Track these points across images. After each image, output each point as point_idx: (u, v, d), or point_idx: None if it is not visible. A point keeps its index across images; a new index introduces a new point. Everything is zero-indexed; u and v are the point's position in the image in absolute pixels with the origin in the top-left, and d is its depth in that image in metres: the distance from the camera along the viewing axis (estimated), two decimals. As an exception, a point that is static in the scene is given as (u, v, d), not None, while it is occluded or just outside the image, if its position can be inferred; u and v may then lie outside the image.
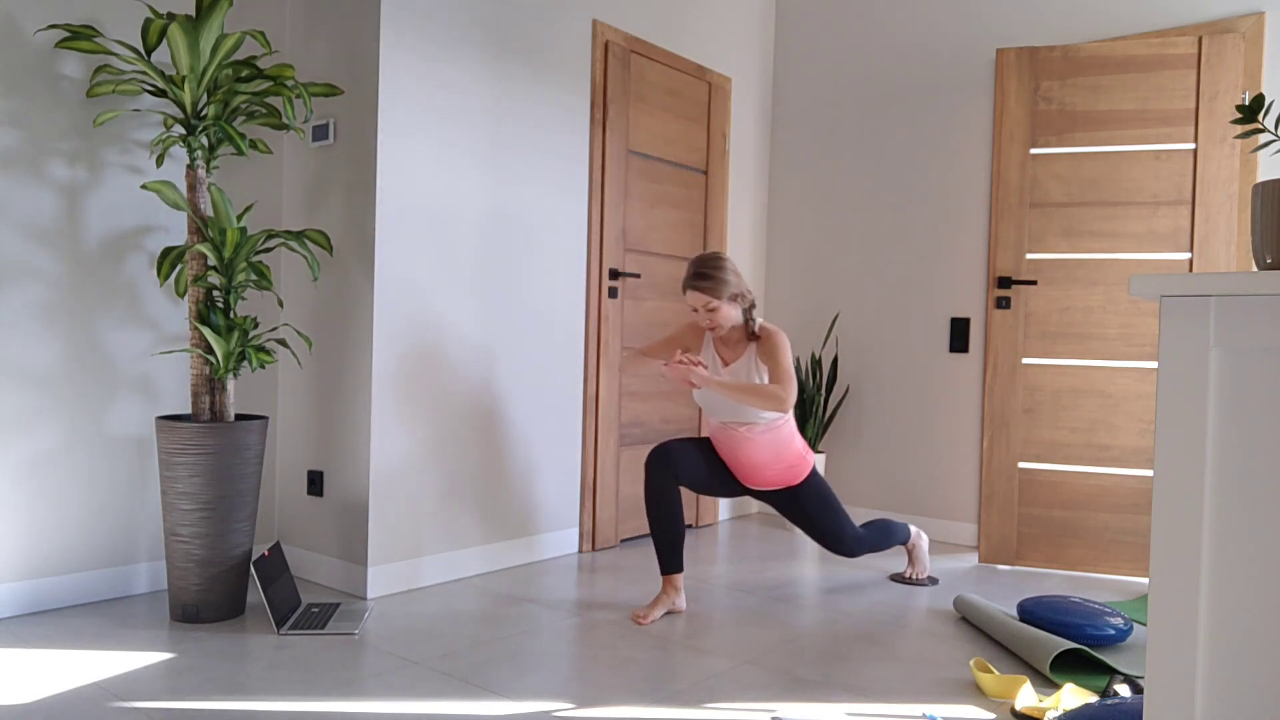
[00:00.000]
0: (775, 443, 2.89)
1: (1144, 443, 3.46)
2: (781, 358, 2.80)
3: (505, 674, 2.29)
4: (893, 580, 3.34)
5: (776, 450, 2.90)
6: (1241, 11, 3.42)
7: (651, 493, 2.83)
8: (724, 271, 2.79)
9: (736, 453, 2.92)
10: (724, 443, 2.94)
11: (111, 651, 2.35)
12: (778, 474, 2.94)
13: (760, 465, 2.92)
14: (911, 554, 3.34)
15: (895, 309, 4.26)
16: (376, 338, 2.93)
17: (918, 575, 3.33)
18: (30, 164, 2.64)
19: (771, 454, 2.90)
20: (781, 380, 2.76)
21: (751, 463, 2.92)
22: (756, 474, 2.95)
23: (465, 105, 3.18)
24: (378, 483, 2.95)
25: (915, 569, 3.33)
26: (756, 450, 2.89)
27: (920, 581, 3.32)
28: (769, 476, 2.95)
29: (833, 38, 4.49)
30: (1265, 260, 1.19)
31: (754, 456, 2.90)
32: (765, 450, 2.89)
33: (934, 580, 3.34)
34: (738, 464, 2.95)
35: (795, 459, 2.94)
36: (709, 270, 2.78)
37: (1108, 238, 3.51)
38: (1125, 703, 1.85)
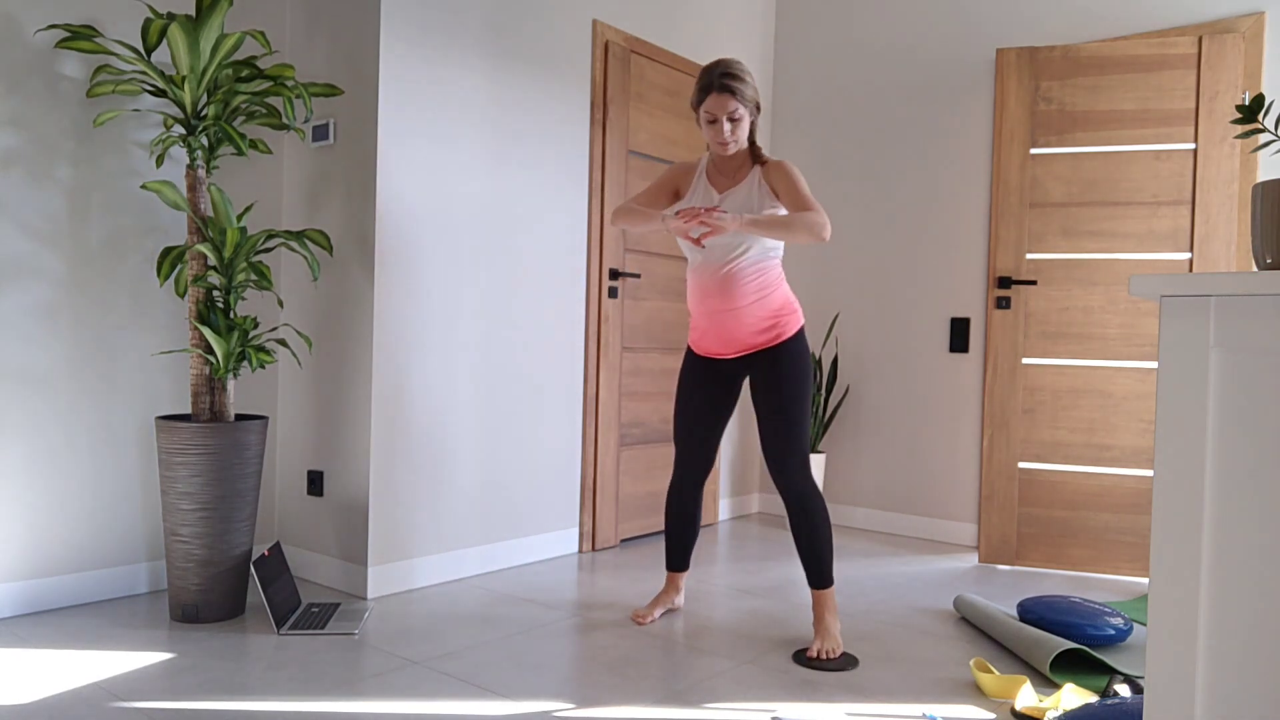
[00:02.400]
0: (760, 283, 2.54)
1: (1144, 443, 3.46)
2: (800, 182, 2.46)
3: (505, 674, 2.29)
4: (798, 663, 2.44)
5: (761, 289, 2.54)
6: (1241, 11, 3.42)
7: (677, 490, 2.82)
8: (749, 76, 2.49)
9: (720, 298, 2.56)
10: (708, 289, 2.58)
11: (111, 651, 2.35)
12: (761, 323, 2.56)
13: (741, 311, 2.55)
14: (820, 616, 2.58)
15: (895, 309, 4.26)
16: (376, 338, 2.93)
17: (827, 652, 2.46)
18: (30, 164, 2.64)
19: (755, 292, 2.54)
20: (810, 208, 2.41)
21: (733, 307, 2.55)
22: (738, 328, 2.58)
23: (465, 105, 3.18)
24: (378, 483, 2.95)
25: (825, 643, 2.49)
26: (739, 289, 2.53)
27: (833, 663, 2.42)
28: (751, 326, 2.57)
29: (833, 38, 4.49)
30: (1265, 260, 1.19)
31: (736, 297, 2.54)
32: (749, 289, 2.53)
33: (853, 660, 2.46)
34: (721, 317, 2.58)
35: (782, 301, 2.59)
36: (736, 72, 2.46)
37: (1108, 238, 3.51)
38: (1125, 703, 1.85)
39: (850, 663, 2.44)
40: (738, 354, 2.64)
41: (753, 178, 2.56)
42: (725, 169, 2.63)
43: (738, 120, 2.49)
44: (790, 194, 2.47)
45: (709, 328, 2.63)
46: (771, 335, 2.58)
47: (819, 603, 2.59)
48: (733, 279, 2.54)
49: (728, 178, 2.62)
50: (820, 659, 2.45)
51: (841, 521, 4.42)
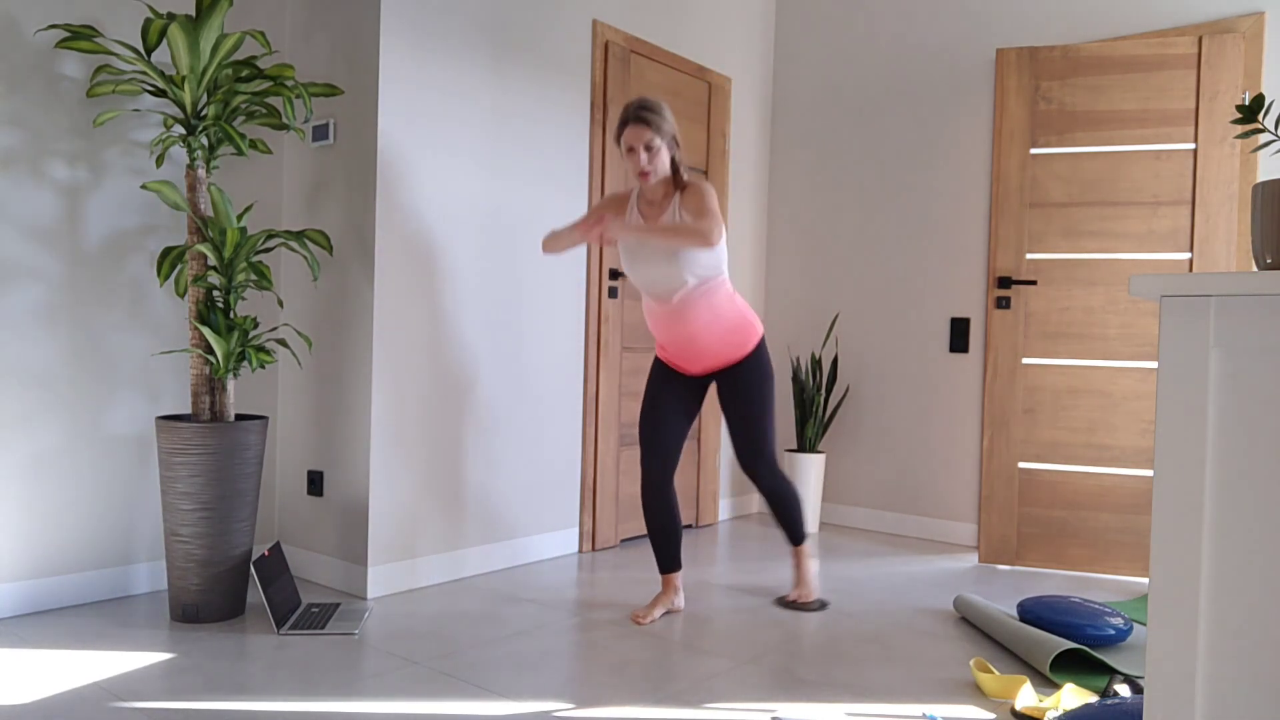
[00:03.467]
0: (711, 305, 2.68)
1: (1144, 443, 3.46)
2: (706, 199, 2.58)
3: (505, 674, 2.29)
4: (778, 605, 2.97)
5: (713, 312, 2.69)
6: (1241, 11, 3.42)
7: (650, 491, 2.84)
8: (665, 110, 2.66)
9: (676, 328, 2.71)
10: (662, 322, 2.73)
11: (111, 651, 2.35)
12: (722, 342, 2.73)
13: (698, 335, 2.70)
14: (801, 571, 3.01)
15: (895, 309, 4.26)
16: (376, 338, 2.93)
17: (804, 597, 2.98)
18: (30, 164, 2.64)
19: (709, 317, 2.68)
20: (704, 216, 2.54)
21: (690, 334, 2.70)
22: (702, 348, 2.73)
23: (465, 105, 3.18)
24: (378, 483, 2.95)
25: (802, 590, 2.99)
26: (692, 317, 2.68)
27: (809, 605, 2.96)
28: (714, 348, 2.73)
29: (833, 38, 4.49)
30: (1265, 260, 1.19)
31: (692, 325, 2.69)
32: (700, 315, 2.68)
33: (824, 604, 2.98)
34: (681, 344, 2.74)
35: (737, 318, 2.74)
36: (652, 105, 2.63)
37: (1108, 238, 3.51)
38: (1125, 703, 1.85)
39: (822, 605, 2.96)
40: (704, 372, 2.84)
41: (673, 203, 2.70)
42: (653, 197, 2.76)
43: (654, 150, 2.64)
44: (693, 208, 2.61)
45: (674, 353, 2.82)
46: (732, 352, 2.77)
47: (796, 556, 3.02)
48: (685, 308, 2.69)
49: (655, 206, 2.75)
50: (799, 602, 2.97)
51: (842, 521, 4.42)
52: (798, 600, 2.97)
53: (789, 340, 4.63)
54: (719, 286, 2.70)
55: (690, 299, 2.67)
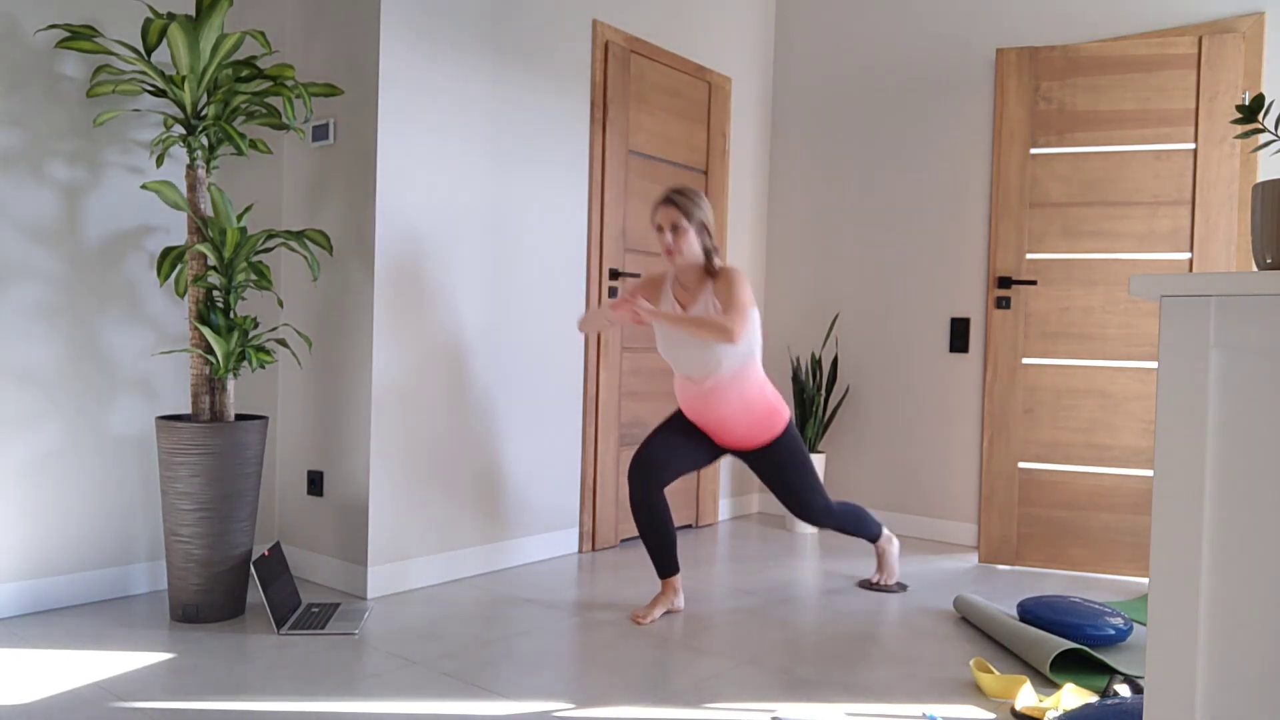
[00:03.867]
0: (741, 395, 2.79)
1: (1144, 443, 3.46)
2: (736, 289, 2.67)
3: (505, 674, 2.29)
4: (860, 587, 3.24)
5: (744, 402, 2.80)
6: (1241, 11, 3.42)
7: (636, 502, 2.82)
8: (699, 199, 2.76)
9: (704, 409, 2.83)
10: (690, 400, 2.85)
11: (111, 651, 2.36)
12: (748, 428, 2.85)
13: (728, 420, 2.82)
14: (881, 558, 3.25)
15: (895, 309, 4.26)
16: (376, 338, 2.93)
17: (886, 581, 3.24)
18: (30, 164, 2.64)
19: (739, 406, 2.80)
20: (729, 309, 2.64)
21: (719, 417, 2.83)
22: (726, 430, 2.86)
23: (465, 105, 3.18)
24: (378, 483, 2.95)
25: (884, 574, 3.24)
26: (722, 403, 2.79)
27: (889, 588, 3.22)
28: (739, 431, 2.85)
29: (833, 38, 4.49)
30: (1265, 260, 1.19)
31: (720, 410, 2.81)
32: (731, 403, 2.79)
33: (903, 586, 3.24)
34: (706, 421, 2.86)
35: (765, 410, 2.84)
36: (686, 192, 2.76)
37: (1108, 238, 3.51)
38: (1125, 703, 1.85)
39: (902, 588, 3.23)
40: (730, 447, 2.94)
41: (707, 291, 2.78)
42: (687, 282, 2.84)
43: (680, 231, 2.74)
44: (725, 297, 2.70)
45: (701, 425, 2.92)
46: (758, 436, 2.88)
47: (876, 549, 3.26)
48: (715, 394, 2.79)
49: (689, 291, 2.83)
50: (878, 584, 3.24)
51: (841, 521, 4.42)
52: (879, 583, 3.23)
53: (789, 340, 4.63)
54: (750, 373, 2.80)
55: (721, 386, 2.78)
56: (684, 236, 2.74)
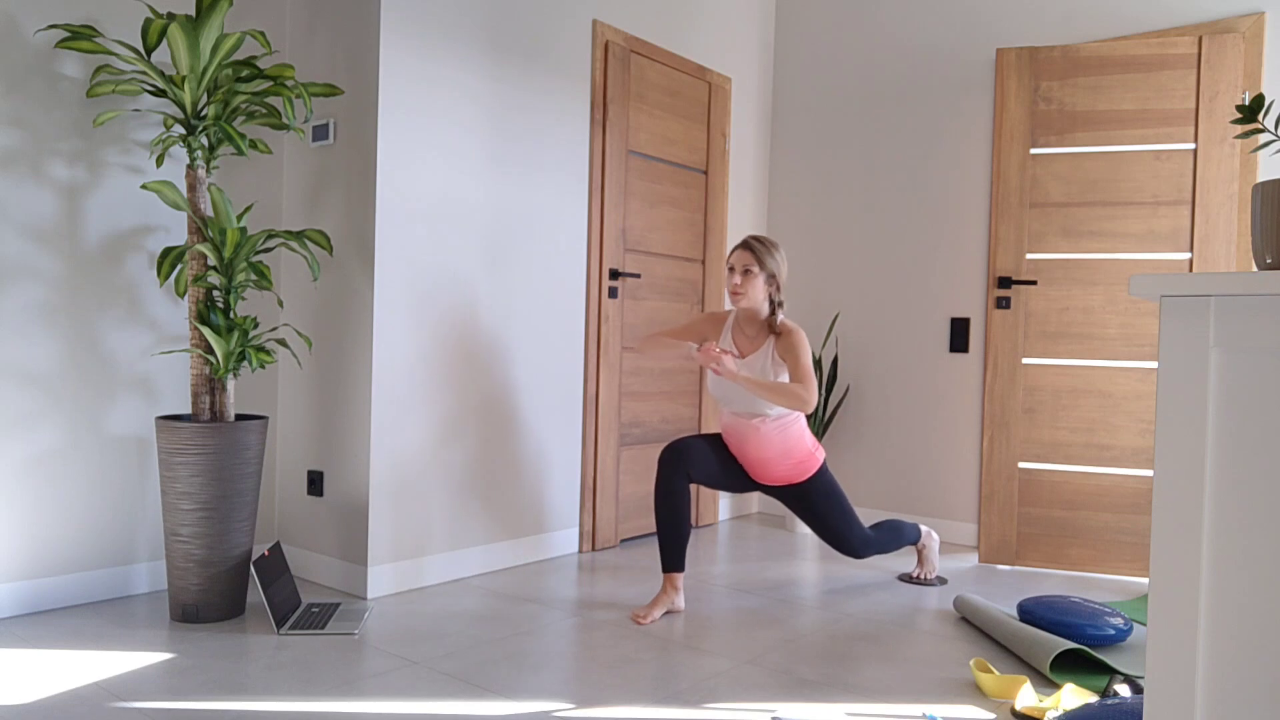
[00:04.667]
0: (784, 439, 2.90)
1: (1144, 443, 3.46)
2: (802, 356, 2.81)
3: (505, 674, 2.29)
4: (901, 580, 3.35)
5: (785, 446, 2.91)
6: (1241, 11, 3.42)
7: (662, 489, 2.83)
8: (776, 250, 2.90)
9: (745, 446, 2.93)
10: (734, 435, 2.95)
11: (111, 651, 2.36)
12: (786, 469, 2.95)
13: (769, 460, 2.93)
14: (921, 554, 3.35)
15: (895, 309, 4.26)
16: (376, 338, 2.93)
17: (926, 575, 3.33)
18: (30, 164, 2.64)
19: (780, 449, 2.91)
20: (803, 379, 2.77)
21: (760, 457, 2.93)
22: (765, 469, 2.95)
23: (465, 105, 3.18)
24: (378, 483, 2.95)
25: (924, 569, 3.34)
26: (765, 444, 2.90)
27: (929, 582, 3.33)
28: (778, 472, 2.95)
29: (833, 38, 4.49)
30: (1265, 260, 1.19)
31: (763, 450, 2.91)
32: (774, 445, 2.90)
33: (943, 580, 3.35)
34: (746, 458, 2.96)
35: (804, 455, 2.95)
36: (765, 241, 2.89)
37: (1108, 238, 3.51)
38: (1125, 703, 1.85)
39: (942, 581, 3.35)
40: (764, 483, 3.02)
41: (768, 347, 2.89)
42: (748, 331, 2.96)
43: (750, 275, 2.85)
44: (792, 365, 2.82)
45: (739, 458, 3.00)
46: (794, 475, 2.97)
47: (917, 548, 3.36)
48: (758, 434, 2.90)
49: (748, 340, 2.95)
50: (918, 579, 3.34)
51: (841, 521, 4.42)
52: (920, 577, 3.34)
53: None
54: (796, 420, 2.92)
55: (766, 428, 2.88)
56: (752, 281, 2.85)
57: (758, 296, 2.87)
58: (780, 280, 2.90)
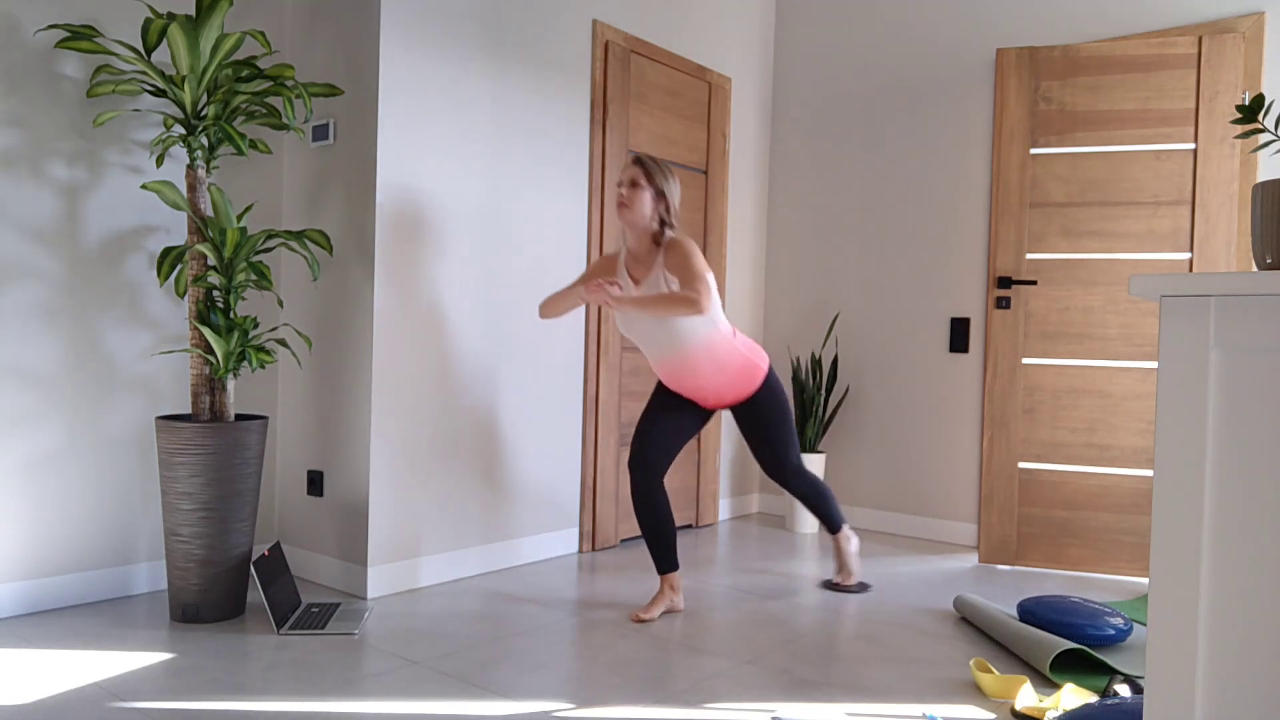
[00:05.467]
0: (713, 358, 2.78)
1: (1144, 443, 3.46)
2: (690, 261, 2.66)
3: (505, 674, 2.29)
4: (824, 588, 3.18)
5: (717, 364, 2.79)
6: (1241, 11, 3.42)
7: (637, 495, 2.85)
8: (668, 173, 2.78)
9: (682, 380, 2.84)
10: (668, 374, 2.85)
11: (111, 651, 2.35)
12: (732, 385, 2.85)
13: (709, 385, 2.83)
14: (840, 555, 3.18)
15: (895, 309, 4.26)
16: (376, 338, 2.93)
17: (845, 580, 3.18)
18: (30, 164, 2.64)
19: (713, 369, 2.80)
20: (691, 282, 2.62)
21: (698, 385, 2.83)
22: (709, 393, 2.86)
23: (465, 105, 3.18)
24: (378, 483, 2.95)
25: (844, 573, 3.18)
26: (698, 371, 2.79)
27: (850, 588, 3.17)
28: (726, 394, 2.86)
29: (833, 38, 4.49)
30: (1265, 260, 1.19)
31: (698, 378, 2.81)
32: (706, 368, 2.79)
33: (865, 586, 3.19)
34: (687, 390, 2.86)
35: (742, 365, 2.84)
36: (656, 160, 2.79)
37: (1108, 238, 3.51)
38: (1125, 703, 1.85)
39: (864, 588, 3.16)
40: (716, 407, 2.94)
41: (657, 263, 2.77)
42: (639, 257, 2.82)
43: (636, 187, 2.75)
44: (678, 271, 2.68)
45: (682, 393, 2.91)
46: (740, 391, 2.88)
47: (836, 544, 3.18)
48: (686, 362, 2.78)
49: (641, 263, 2.82)
50: (840, 585, 3.17)
51: (841, 521, 4.42)
52: (840, 583, 3.17)
53: (789, 340, 4.63)
54: (716, 336, 2.77)
55: (690, 353, 2.77)
56: (639, 195, 2.74)
57: (645, 212, 2.74)
58: (670, 202, 2.77)
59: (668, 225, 2.79)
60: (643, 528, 2.87)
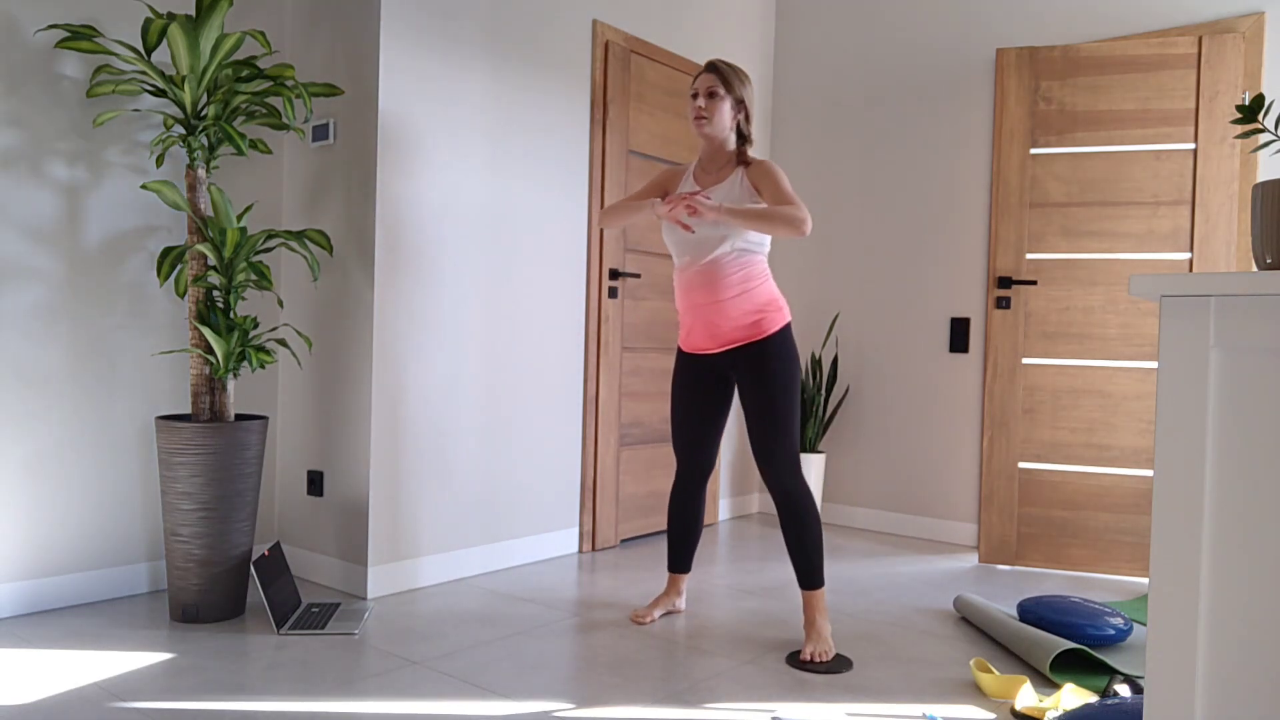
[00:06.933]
0: (743, 272, 2.56)
1: (1144, 443, 3.46)
2: (784, 183, 2.51)
3: (505, 674, 2.29)
4: (789, 664, 2.43)
5: (745, 283, 2.56)
6: (1241, 11, 3.42)
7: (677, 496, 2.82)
8: (744, 76, 2.63)
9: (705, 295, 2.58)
10: (692, 289, 2.61)
11: (111, 651, 2.35)
12: (748, 314, 2.57)
13: (728, 303, 2.56)
14: (811, 625, 2.55)
15: (895, 309, 4.26)
16: (376, 338, 2.93)
17: (819, 654, 2.44)
18: (30, 164, 2.64)
19: (740, 287, 2.56)
20: (791, 203, 2.45)
21: (717, 301, 2.56)
22: (726, 320, 2.58)
23: (465, 105, 3.18)
24: (378, 483, 2.95)
25: (815, 645, 2.47)
26: (724, 284, 2.55)
27: (823, 665, 2.41)
28: (740, 321, 2.57)
29: (833, 37, 4.49)
30: (1265, 260, 1.19)
31: (721, 290, 2.56)
32: (734, 283, 2.55)
33: (845, 662, 2.45)
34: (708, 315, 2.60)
35: (768, 297, 2.60)
36: (730, 63, 2.64)
37: (1108, 238, 3.51)
38: (1125, 703, 1.85)
39: (843, 665, 2.43)
40: (723, 348, 2.62)
41: (736, 176, 2.61)
42: (710, 168, 2.68)
43: (715, 98, 2.59)
44: (772, 190, 2.51)
45: (694, 323, 2.65)
46: (755, 329, 2.57)
47: (809, 604, 2.57)
48: (715, 271, 2.56)
49: (712, 176, 2.67)
50: (813, 661, 2.43)
51: (842, 521, 4.42)
52: (812, 658, 2.44)
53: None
54: (756, 261, 2.60)
55: (725, 262, 2.55)
56: (718, 106, 2.58)
57: (724, 123, 2.60)
58: (749, 110, 2.63)
59: (745, 137, 2.66)
60: (673, 523, 2.84)
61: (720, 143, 2.64)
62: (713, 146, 2.65)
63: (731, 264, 2.56)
